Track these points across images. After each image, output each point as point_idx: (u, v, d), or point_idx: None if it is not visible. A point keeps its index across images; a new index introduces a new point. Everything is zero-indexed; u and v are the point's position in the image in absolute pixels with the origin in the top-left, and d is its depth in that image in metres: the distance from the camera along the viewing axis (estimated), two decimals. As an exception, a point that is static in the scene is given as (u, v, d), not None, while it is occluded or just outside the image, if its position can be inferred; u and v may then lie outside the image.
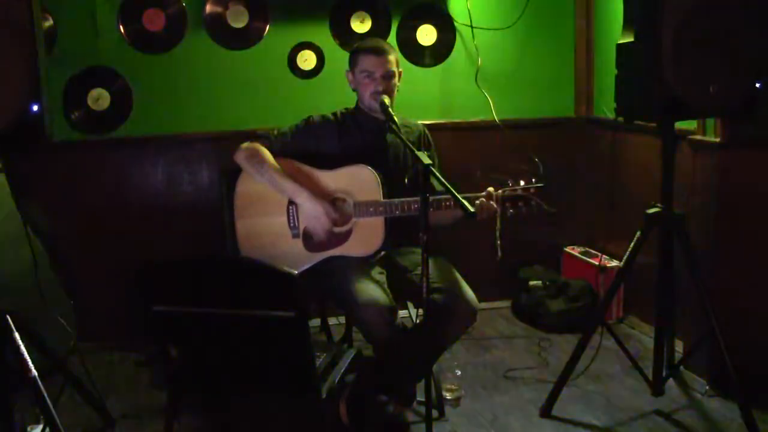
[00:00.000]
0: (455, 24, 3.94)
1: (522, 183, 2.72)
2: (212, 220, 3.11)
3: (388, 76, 2.84)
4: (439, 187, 2.80)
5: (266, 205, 2.85)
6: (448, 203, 2.68)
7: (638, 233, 2.81)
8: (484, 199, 2.68)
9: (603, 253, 3.86)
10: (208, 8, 3.67)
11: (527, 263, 4.15)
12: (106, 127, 3.66)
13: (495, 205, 2.68)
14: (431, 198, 2.64)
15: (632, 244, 2.82)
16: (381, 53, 2.84)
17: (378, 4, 3.85)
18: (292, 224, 2.84)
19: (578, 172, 4.18)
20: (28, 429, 2.72)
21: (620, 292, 3.88)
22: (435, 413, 2.89)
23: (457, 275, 2.76)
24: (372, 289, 2.60)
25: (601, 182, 4.05)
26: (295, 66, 3.79)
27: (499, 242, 2.67)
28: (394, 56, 2.88)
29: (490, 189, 2.71)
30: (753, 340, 3.01)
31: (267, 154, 2.83)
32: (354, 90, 2.94)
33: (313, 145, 2.90)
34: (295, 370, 2.14)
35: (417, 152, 2.30)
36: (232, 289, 2.06)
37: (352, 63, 2.91)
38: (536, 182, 2.72)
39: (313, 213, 2.75)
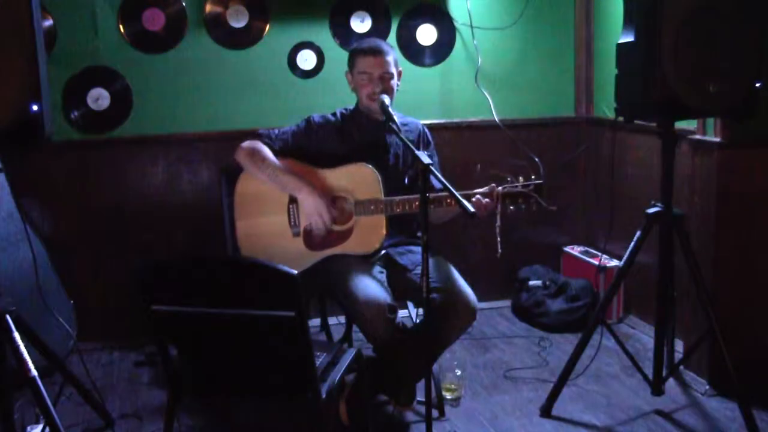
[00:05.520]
0: (455, 24, 3.94)
1: (521, 179, 2.72)
2: (212, 220, 3.12)
3: (386, 77, 2.84)
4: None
5: (266, 204, 2.85)
6: (448, 201, 2.69)
7: (638, 233, 2.81)
8: (480, 197, 2.68)
9: (603, 253, 3.86)
10: (208, 8, 3.67)
11: (527, 263, 4.15)
12: (106, 127, 3.66)
13: (492, 203, 2.68)
14: (431, 195, 2.64)
15: (632, 244, 2.82)
16: (378, 54, 2.83)
17: (378, 4, 3.85)
18: (292, 223, 2.84)
19: (578, 172, 4.18)
20: (28, 429, 2.72)
21: (620, 292, 3.88)
22: (435, 413, 2.89)
23: (457, 275, 2.76)
24: (373, 287, 2.60)
25: (601, 182, 4.05)
26: (295, 66, 3.79)
27: (498, 239, 2.67)
28: (393, 56, 2.88)
29: (493, 185, 2.71)
30: (753, 340, 3.01)
31: (267, 151, 2.83)
32: (353, 90, 2.95)
33: (314, 145, 2.91)
34: (295, 370, 2.14)
35: (417, 152, 2.30)
36: (231, 289, 2.06)
37: (351, 64, 2.91)
38: (535, 179, 2.73)
39: (314, 208, 2.75)
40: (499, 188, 2.71)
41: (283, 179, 2.79)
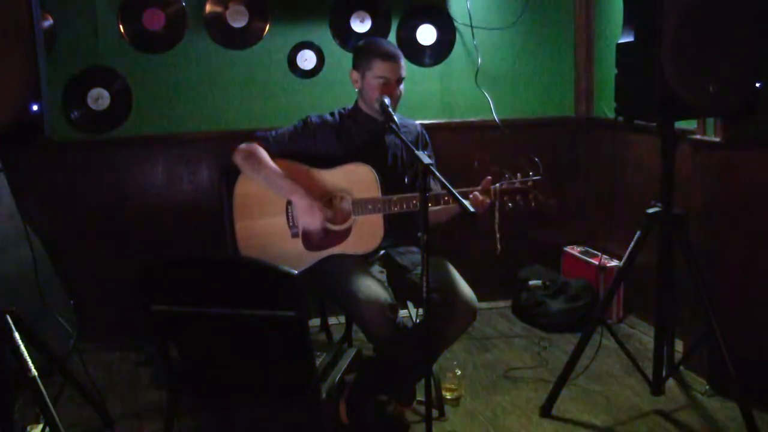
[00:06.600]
0: (455, 24, 3.94)
1: (519, 176, 2.72)
2: (212, 220, 3.12)
3: (400, 81, 2.85)
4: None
5: (265, 205, 2.85)
6: (446, 198, 2.68)
7: (638, 233, 2.81)
8: (478, 194, 2.67)
9: (603, 253, 3.86)
10: (208, 8, 3.67)
11: (527, 263, 4.15)
12: (106, 127, 3.66)
13: (488, 200, 2.68)
14: (430, 193, 2.63)
15: (632, 244, 2.82)
16: (397, 59, 2.82)
17: (378, 4, 3.85)
18: (291, 224, 2.84)
19: (578, 172, 4.18)
20: (28, 429, 2.72)
21: (620, 292, 3.88)
22: (435, 413, 2.89)
23: (457, 275, 2.76)
24: (373, 287, 2.60)
25: (601, 182, 4.05)
26: (295, 66, 3.79)
27: (498, 236, 2.67)
28: (404, 60, 2.87)
29: (488, 180, 2.70)
30: (753, 339, 3.01)
31: (264, 154, 2.83)
32: (359, 90, 2.92)
33: (311, 146, 2.90)
34: (295, 370, 2.14)
35: (416, 152, 2.30)
36: (231, 289, 2.06)
37: (364, 65, 2.85)
38: (534, 176, 2.72)
39: (307, 211, 2.75)
40: (497, 184, 2.71)
41: (277, 182, 2.78)
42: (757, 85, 2.57)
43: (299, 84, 3.81)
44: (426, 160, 2.22)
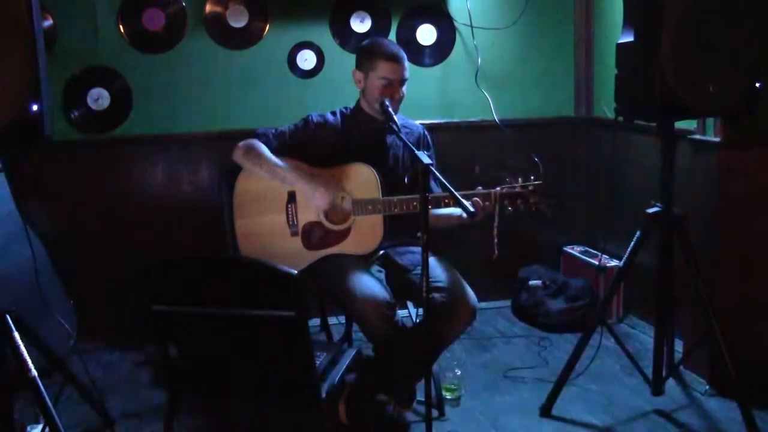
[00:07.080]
0: (455, 24, 3.94)
1: (520, 180, 2.72)
2: (212, 220, 3.12)
3: (403, 82, 2.85)
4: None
5: (265, 203, 2.85)
6: (447, 201, 2.69)
7: (638, 233, 2.81)
8: (479, 199, 2.68)
9: (603, 253, 3.86)
10: (208, 8, 3.67)
11: (527, 263, 4.15)
12: (106, 127, 3.66)
13: (490, 205, 2.68)
14: (430, 195, 2.64)
15: (632, 244, 2.82)
16: (401, 61, 2.82)
17: (378, 4, 3.85)
18: (291, 222, 2.85)
19: (578, 172, 4.18)
20: (28, 429, 2.72)
21: (620, 292, 3.88)
22: (435, 413, 2.89)
23: (457, 274, 2.76)
24: (371, 285, 2.60)
25: (601, 182, 4.05)
26: (295, 66, 3.79)
27: (496, 240, 2.66)
28: (407, 62, 2.87)
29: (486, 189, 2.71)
30: (753, 339, 3.01)
31: (264, 148, 2.83)
32: (362, 90, 2.92)
33: (312, 144, 2.90)
34: (295, 370, 2.14)
35: (416, 152, 2.30)
36: (231, 289, 2.06)
37: (367, 65, 2.85)
38: (535, 180, 2.72)
39: (316, 194, 2.75)
40: (498, 188, 2.71)
41: (281, 173, 2.79)
42: (757, 85, 2.56)
43: (299, 84, 3.81)
44: (426, 160, 2.22)
